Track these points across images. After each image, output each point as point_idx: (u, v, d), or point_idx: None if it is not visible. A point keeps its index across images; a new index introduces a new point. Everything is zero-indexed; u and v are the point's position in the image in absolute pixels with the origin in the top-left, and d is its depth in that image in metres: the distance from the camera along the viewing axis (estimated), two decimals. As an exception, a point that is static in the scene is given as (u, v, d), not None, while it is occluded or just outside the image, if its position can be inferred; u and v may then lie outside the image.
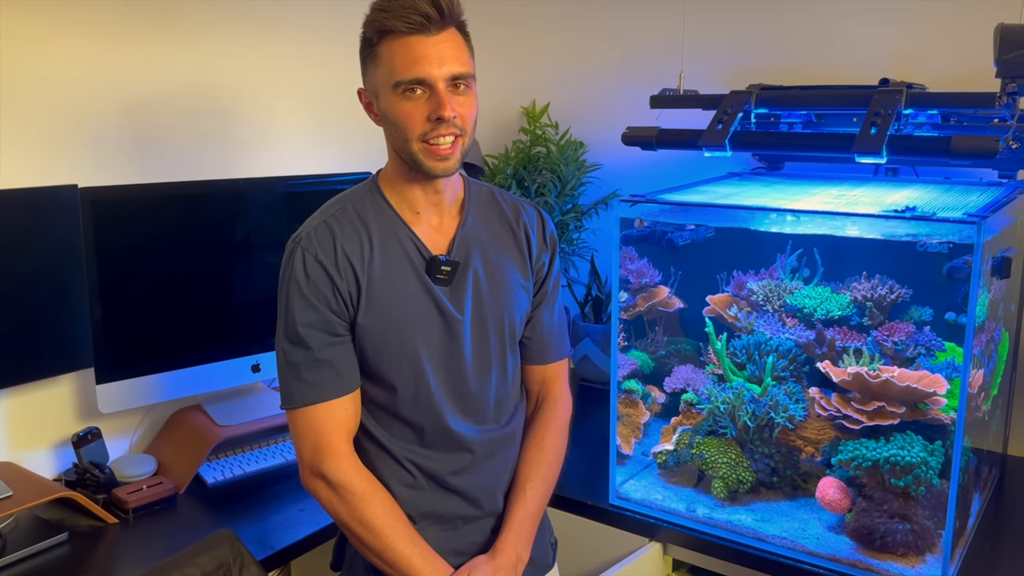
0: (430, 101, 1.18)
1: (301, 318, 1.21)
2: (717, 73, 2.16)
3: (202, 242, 1.87)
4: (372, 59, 1.21)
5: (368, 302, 1.23)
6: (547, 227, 1.40)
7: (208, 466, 1.86)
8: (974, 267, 1.31)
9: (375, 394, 1.27)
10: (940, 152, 1.43)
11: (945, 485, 1.43)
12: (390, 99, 1.19)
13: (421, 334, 1.25)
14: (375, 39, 1.19)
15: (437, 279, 1.26)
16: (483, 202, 1.36)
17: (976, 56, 1.78)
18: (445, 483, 1.30)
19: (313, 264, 1.21)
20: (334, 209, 1.27)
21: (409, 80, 1.17)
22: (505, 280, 1.33)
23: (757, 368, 1.72)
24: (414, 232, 1.27)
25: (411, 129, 1.19)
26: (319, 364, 1.22)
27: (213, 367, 1.90)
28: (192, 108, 2.00)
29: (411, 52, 1.16)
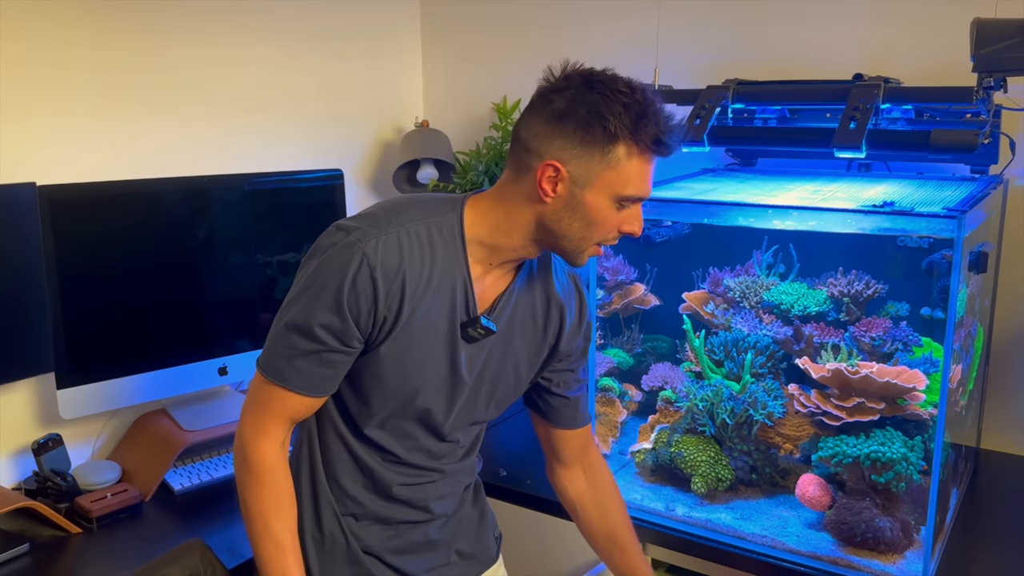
0: (628, 214, 1.16)
1: (323, 318, 1.13)
2: (690, 69, 2.15)
3: (166, 242, 1.81)
4: (605, 152, 1.10)
5: (398, 336, 1.16)
6: (585, 314, 1.35)
7: (174, 472, 1.81)
8: (955, 261, 1.31)
9: (353, 406, 1.23)
10: (919, 146, 1.43)
11: (925, 480, 1.43)
12: (602, 201, 1.12)
13: (426, 383, 1.21)
14: (621, 136, 1.09)
15: (467, 335, 1.20)
16: (539, 265, 1.28)
17: (947, 51, 1.79)
18: (391, 492, 1.26)
19: (366, 277, 1.11)
20: (410, 225, 1.15)
21: (636, 198, 1.14)
22: (516, 353, 1.28)
23: (735, 365, 1.71)
24: (471, 281, 1.19)
25: (603, 234, 1.16)
26: (318, 361, 1.16)
27: (178, 370, 1.85)
28: (156, 104, 1.94)
29: (647, 172, 1.14)
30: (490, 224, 1.18)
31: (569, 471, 1.42)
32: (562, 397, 1.36)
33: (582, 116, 1.09)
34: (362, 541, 1.27)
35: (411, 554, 1.30)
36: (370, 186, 2.55)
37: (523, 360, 1.28)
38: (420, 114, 2.65)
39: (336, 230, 1.15)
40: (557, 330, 1.29)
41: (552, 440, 1.41)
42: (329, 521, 1.25)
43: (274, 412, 1.18)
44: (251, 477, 1.19)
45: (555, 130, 1.10)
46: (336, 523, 1.26)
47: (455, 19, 2.60)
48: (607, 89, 1.10)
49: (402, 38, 2.60)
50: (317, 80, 2.33)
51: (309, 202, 2.07)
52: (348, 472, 1.25)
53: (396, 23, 2.57)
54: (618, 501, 1.43)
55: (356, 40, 2.43)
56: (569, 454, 1.41)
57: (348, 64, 2.41)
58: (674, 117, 1.13)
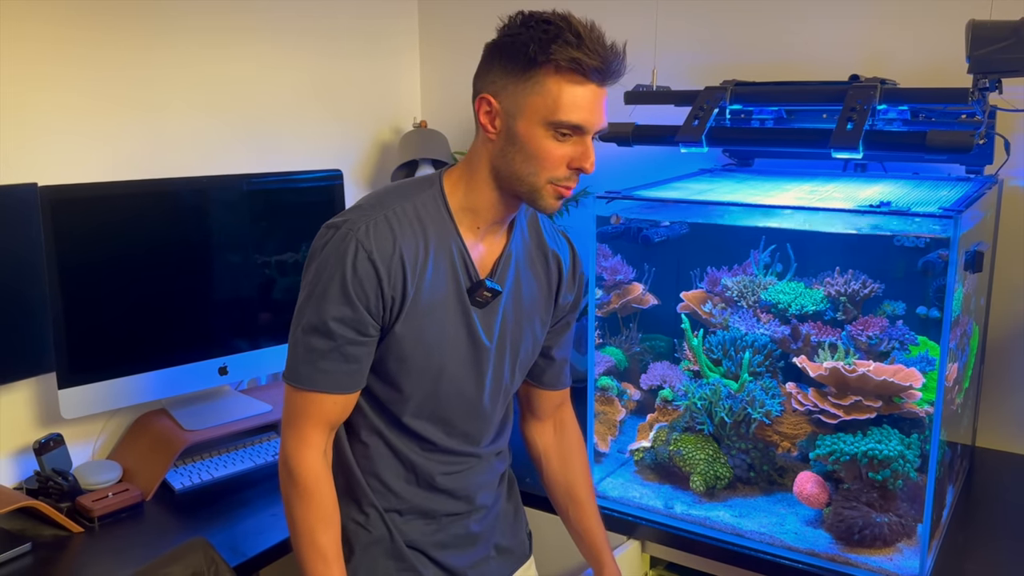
0: (575, 148, 1.13)
1: (335, 312, 1.15)
2: (688, 70, 2.16)
3: (166, 242, 1.82)
4: (529, 79, 1.10)
5: (408, 313, 1.18)
6: (578, 266, 1.37)
7: (175, 472, 1.81)
8: (951, 261, 1.33)
9: (385, 396, 1.24)
10: (915, 147, 1.44)
11: (922, 478, 1.45)
12: (535, 131, 1.12)
13: (448, 354, 1.22)
14: (543, 61, 1.09)
15: (475, 301, 1.22)
16: (528, 225, 1.31)
17: (943, 52, 1.80)
18: (434, 483, 1.28)
19: (365, 262, 1.13)
20: (395, 205, 1.18)
21: (571, 124, 1.11)
22: (529, 311, 1.30)
23: (733, 364, 1.72)
24: (467, 249, 1.21)
25: (549, 169, 1.13)
26: (338, 358, 1.17)
27: (178, 370, 1.85)
28: (156, 105, 1.95)
29: (582, 98, 1.10)
30: (464, 187, 1.21)
31: (541, 424, 1.47)
32: (549, 357, 1.40)
33: (508, 46, 1.12)
34: (406, 536, 1.28)
35: (454, 548, 1.31)
36: (369, 186, 2.56)
37: (536, 317, 1.31)
38: (418, 114, 2.66)
39: (326, 229, 1.18)
40: (557, 279, 1.33)
41: (531, 396, 1.45)
42: (375, 520, 1.27)
43: (311, 419, 1.19)
44: (297, 491, 1.20)
45: (488, 65, 1.15)
46: (381, 521, 1.27)
47: (452, 19, 2.60)
48: (535, 20, 1.11)
49: (400, 38, 2.61)
50: (315, 80, 2.34)
51: (308, 202, 2.08)
52: (390, 467, 1.26)
53: (393, 23, 2.58)
54: (581, 458, 1.49)
55: (354, 40, 2.44)
56: (544, 410, 1.46)
57: (346, 64, 2.42)
58: (611, 44, 1.11)
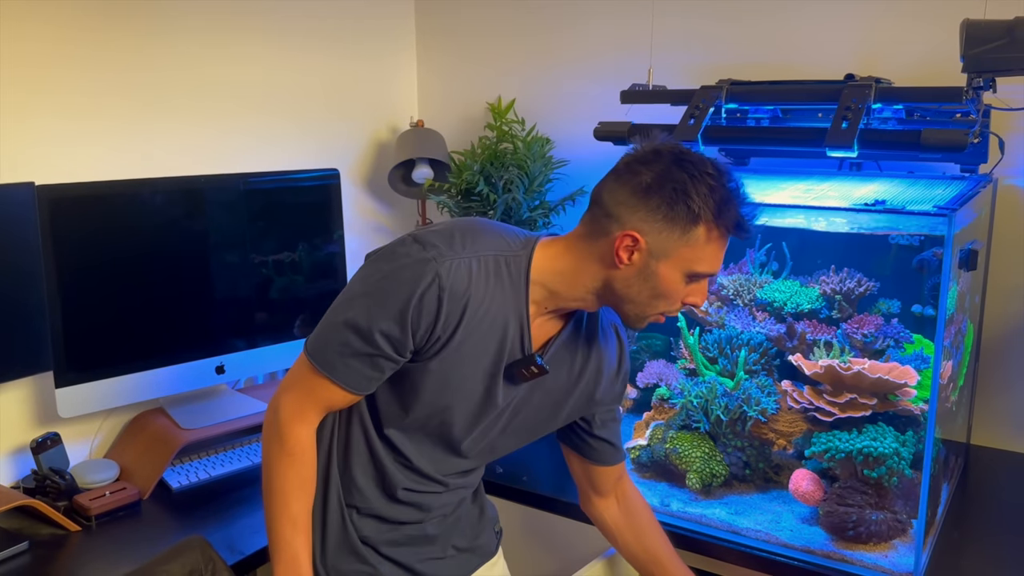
0: (695, 288, 1.18)
1: (384, 326, 1.14)
2: (684, 69, 2.16)
3: (163, 241, 1.82)
4: (686, 231, 1.12)
5: (447, 355, 1.18)
6: (624, 363, 1.37)
7: (172, 470, 1.81)
8: (945, 259, 1.33)
9: (385, 407, 1.25)
10: (910, 146, 1.45)
11: (917, 475, 1.45)
12: (674, 275, 1.15)
13: (457, 403, 1.23)
14: (704, 218, 1.12)
15: (516, 375, 1.22)
16: (588, 318, 1.30)
17: (937, 51, 1.81)
18: (396, 494, 1.29)
19: (434, 298, 1.13)
20: (484, 253, 1.17)
21: (707, 275, 1.18)
22: (549, 400, 1.30)
23: (729, 362, 1.72)
24: (528, 322, 1.21)
25: (666, 305, 1.18)
26: (368, 363, 1.17)
27: (175, 369, 1.86)
28: (153, 104, 1.95)
29: (719, 253, 1.16)
30: (556, 270, 1.19)
31: (604, 500, 1.46)
32: (599, 438, 1.39)
33: (668, 193, 1.11)
34: (360, 532, 1.30)
35: (407, 546, 1.34)
36: (365, 185, 2.56)
37: (549, 400, 1.30)
38: (415, 114, 2.67)
39: (413, 241, 1.16)
40: (595, 378, 1.31)
41: (588, 474, 1.44)
42: (333, 509, 1.28)
43: (315, 400, 1.21)
44: (282, 454, 1.21)
45: (640, 202, 1.13)
46: (339, 511, 1.29)
47: (449, 19, 2.61)
48: (696, 170, 1.12)
49: (397, 38, 2.61)
50: (312, 80, 2.34)
51: (305, 201, 2.08)
52: (361, 466, 1.28)
53: (391, 23, 2.58)
54: (653, 526, 1.46)
55: (351, 40, 2.44)
56: (604, 486, 1.45)
57: (343, 64, 2.42)
58: (753, 200, 1.17)
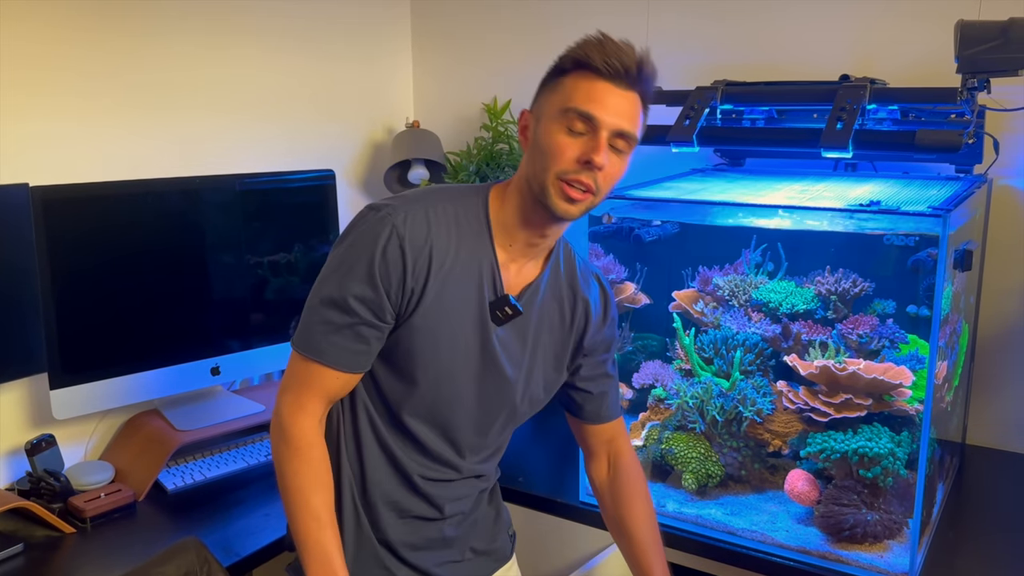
0: (588, 142, 1.14)
1: (357, 290, 1.16)
2: (680, 70, 2.16)
3: (158, 242, 1.82)
4: (554, 85, 1.17)
5: (427, 308, 1.19)
6: (609, 308, 1.38)
7: (167, 472, 1.81)
8: (940, 259, 1.33)
9: (389, 387, 1.25)
10: (904, 147, 1.45)
11: (912, 475, 1.45)
12: (551, 125, 1.15)
13: (458, 361, 1.23)
14: (568, 67, 1.15)
15: (495, 316, 1.23)
16: (564, 259, 1.32)
17: (932, 52, 1.81)
18: (415, 485, 1.28)
19: (396, 248, 1.16)
20: (438, 203, 1.21)
21: (581, 112, 1.13)
22: (545, 350, 1.31)
23: (724, 363, 1.73)
24: (498, 263, 1.23)
25: (557, 163, 1.14)
26: (352, 335, 1.18)
27: (171, 370, 1.85)
28: (148, 105, 1.95)
29: (596, 91, 1.13)
30: (502, 200, 1.24)
31: (596, 461, 1.46)
32: (586, 392, 1.40)
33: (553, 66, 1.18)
34: (379, 531, 1.28)
35: (425, 550, 1.32)
36: (361, 186, 2.56)
37: (551, 353, 1.32)
38: (411, 115, 2.67)
39: (368, 210, 1.20)
40: (583, 325, 1.33)
41: (580, 432, 1.46)
42: (348, 510, 1.27)
43: (312, 389, 1.21)
44: (290, 452, 1.20)
45: None
46: (353, 508, 1.27)
47: (445, 20, 2.61)
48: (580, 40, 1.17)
49: (392, 39, 2.61)
50: (308, 81, 2.34)
51: (300, 202, 2.08)
52: (374, 459, 1.27)
53: (386, 24, 2.58)
54: (641, 498, 1.43)
55: (347, 41, 2.44)
56: (594, 446, 1.45)
57: (339, 65, 2.42)
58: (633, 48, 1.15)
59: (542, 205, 1.17)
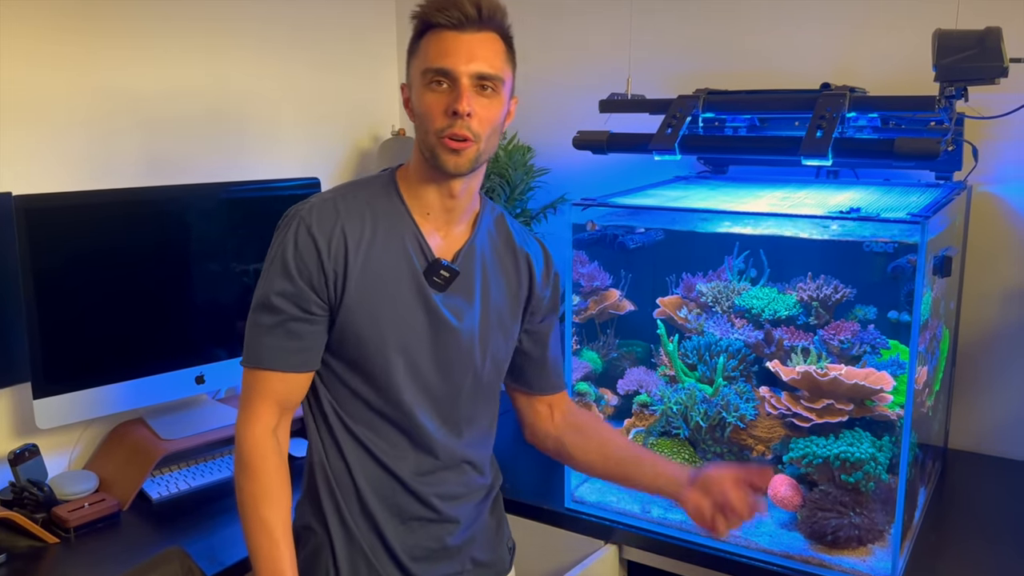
0: (451, 94, 1.17)
1: (277, 286, 1.20)
2: (662, 78, 2.18)
3: (142, 250, 1.81)
4: (414, 53, 1.22)
5: (357, 289, 1.21)
6: (551, 266, 1.40)
7: (152, 481, 1.81)
8: (918, 266, 1.35)
9: (349, 379, 1.25)
10: (884, 154, 1.46)
11: (893, 480, 1.47)
12: (419, 90, 1.20)
13: (408, 335, 1.24)
14: (418, 32, 1.21)
15: (433, 282, 1.25)
16: (494, 223, 1.35)
17: (912, 60, 1.83)
18: (403, 480, 1.28)
19: (305, 236, 1.20)
20: (344, 191, 1.27)
21: (435, 69, 1.17)
22: (497, 307, 1.32)
23: (708, 369, 1.74)
24: (421, 232, 1.25)
25: (431, 121, 1.18)
26: (284, 333, 1.21)
27: (155, 379, 1.85)
28: (132, 113, 1.94)
29: (443, 45, 1.17)
30: (409, 175, 1.28)
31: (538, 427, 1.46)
32: (533, 358, 1.41)
33: None
34: (383, 540, 1.28)
35: (425, 561, 1.31)
36: (347, 194, 2.55)
37: (506, 314, 1.33)
38: (396, 122, 2.67)
39: (280, 219, 1.25)
40: (528, 279, 1.36)
41: (524, 404, 1.46)
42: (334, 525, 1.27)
43: (258, 396, 1.22)
44: (241, 466, 1.22)
45: None
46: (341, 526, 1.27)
47: (431, 28, 2.61)
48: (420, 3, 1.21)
49: (378, 47, 2.62)
50: (294, 89, 2.34)
51: (286, 210, 2.07)
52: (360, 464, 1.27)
53: (372, 32, 2.59)
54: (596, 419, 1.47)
55: (332, 49, 2.45)
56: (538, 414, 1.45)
57: (324, 73, 2.43)
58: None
59: (435, 167, 1.21)
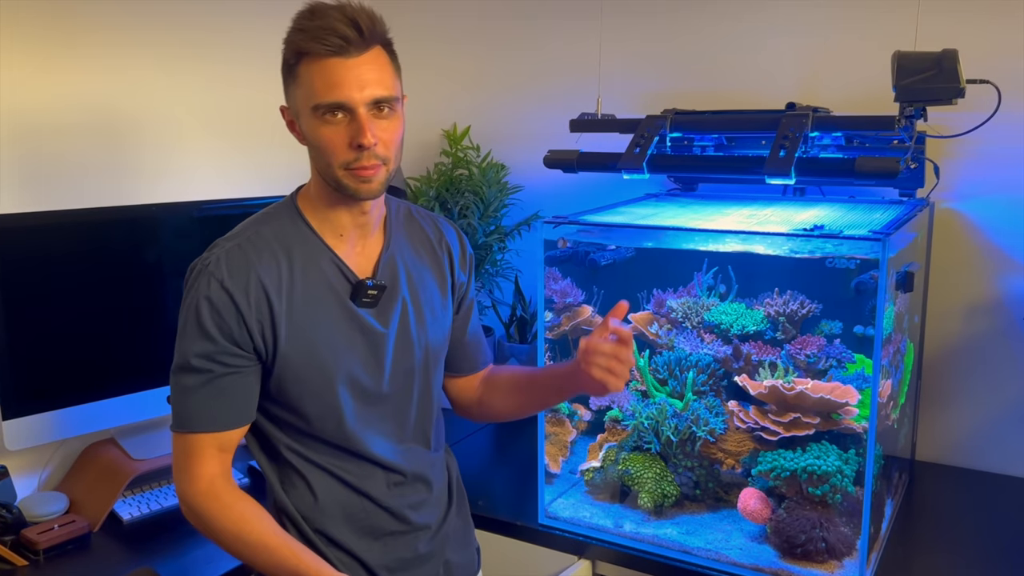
0: (351, 126, 1.13)
1: (196, 348, 1.16)
2: (632, 97, 2.21)
3: (114, 270, 1.81)
4: (292, 79, 1.17)
5: (289, 331, 1.19)
6: (466, 247, 1.43)
7: (123, 502, 1.79)
8: (880, 281, 1.38)
9: (294, 420, 1.24)
10: (845, 173, 1.50)
11: (860, 492, 1.49)
12: (311, 122, 1.15)
13: (346, 361, 1.24)
14: (293, 60, 1.15)
15: (363, 303, 1.24)
16: (404, 221, 1.36)
17: (874, 81, 1.87)
18: (374, 499, 1.29)
19: (219, 291, 1.16)
20: (249, 232, 1.22)
21: (328, 104, 1.13)
22: (428, 300, 1.33)
23: (678, 383, 1.76)
24: (338, 255, 1.24)
25: (333, 155, 1.15)
26: (209, 393, 1.17)
27: (126, 399, 1.84)
28: (102, 132, 1.94)
29: (330, 75, 1.11)
30: (314, 199, 1.25)
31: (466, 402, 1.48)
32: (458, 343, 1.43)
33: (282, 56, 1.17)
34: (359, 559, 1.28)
35: (403, 572, 1.31)
36: (321, 212, 2.56)
37: (437, 303, 1.34)
38: (371, 141, 2.68)
39: (188, 272, 1.21)
40: (449, 265, 1.37)
41: (453, 388, 1.48)
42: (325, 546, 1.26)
43: (195, 457, 1.19)
44: (200, 524, 1.20)
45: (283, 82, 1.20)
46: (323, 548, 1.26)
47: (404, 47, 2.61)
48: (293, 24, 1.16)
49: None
50: (267, 105, 2.34)
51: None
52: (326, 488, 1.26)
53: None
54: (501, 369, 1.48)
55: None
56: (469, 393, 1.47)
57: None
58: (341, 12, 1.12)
59: (342, 192, 1.20)
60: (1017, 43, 1.82)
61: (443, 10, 2.51)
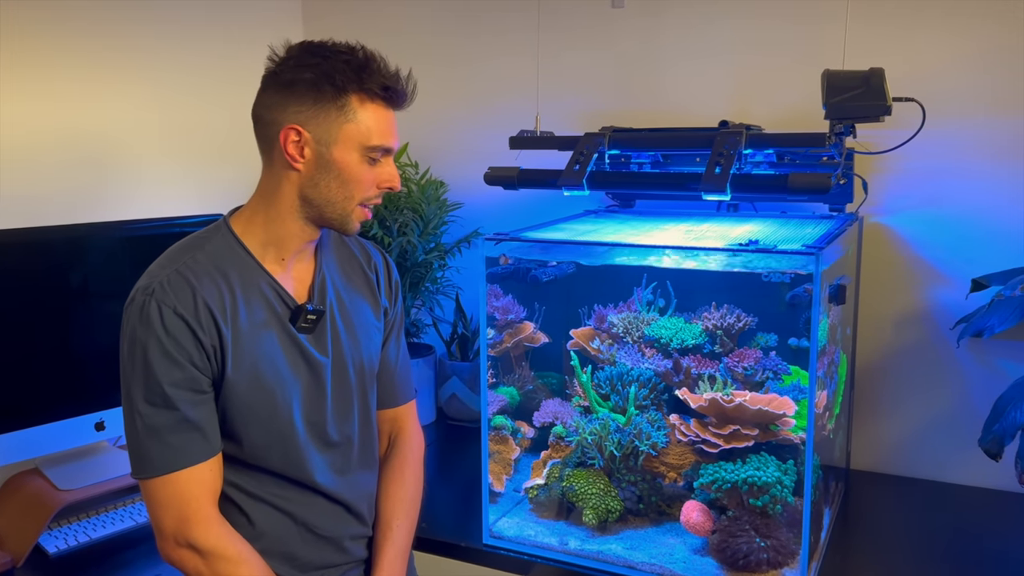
0: (384, 169, 1.22)
1: (166, 377, 1.12)
2: (570, 115, 2.23)
3: (37, 292, 1.74)
4: (339, 107, 1.17)
5: (235, 358, 1.17)
6: (392, 271, 1.43)
7: (49, 535, 1.72)
8: (814, 295, 1.41)
9: (235, 452, 1.21)
10: (779, 189, 1.53)
11: (799, 502, 1.51)
12: (351, 157, 1.18)
13: (290, 388, 1.22)
14: (354, 89, 1.17)
15: (301, 328, 1.23)
16: (334, 245, 1.35)
17: (805, 99, 1.93)
18: (315, 530, 1.27)
19: (172, 318, 1.12)
20: (184, 258, 1.18)
21: (383, 147, 1.20)
22: (361, 323, 1.33)
23: (621, 398, 1.76)
24: (275, 280, 1.23)
25: (361, 191, 1.21)
26: (186, 426, 1.14)
27: (51, 427, 1.76)
28: (30, 149, 1.87)
29: (385, 122, 1.21)
30: (263, 223, 1.22)
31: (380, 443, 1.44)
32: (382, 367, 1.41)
33: (308, 77, 1.16)
34: None
35: None
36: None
37: (371, 327, 1.34)
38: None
39: (126, 308, 1.16)
40: (375, 276, 1.38)
41: None
42: None
43: (186, 500, 1.14)
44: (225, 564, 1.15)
45: (287, 97, 1.17)
46: None
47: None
48: (327, 51, 1.18)
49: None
50: (203, 122, 2.30)
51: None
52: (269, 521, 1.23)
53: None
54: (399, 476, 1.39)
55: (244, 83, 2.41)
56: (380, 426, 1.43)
57: (234, 107, 2.39)
58: (398, 69, 1.24)
59: (335, 224, 1.22)
60: (941, 62, 1.89)
61: (380, 28, 2.50)
